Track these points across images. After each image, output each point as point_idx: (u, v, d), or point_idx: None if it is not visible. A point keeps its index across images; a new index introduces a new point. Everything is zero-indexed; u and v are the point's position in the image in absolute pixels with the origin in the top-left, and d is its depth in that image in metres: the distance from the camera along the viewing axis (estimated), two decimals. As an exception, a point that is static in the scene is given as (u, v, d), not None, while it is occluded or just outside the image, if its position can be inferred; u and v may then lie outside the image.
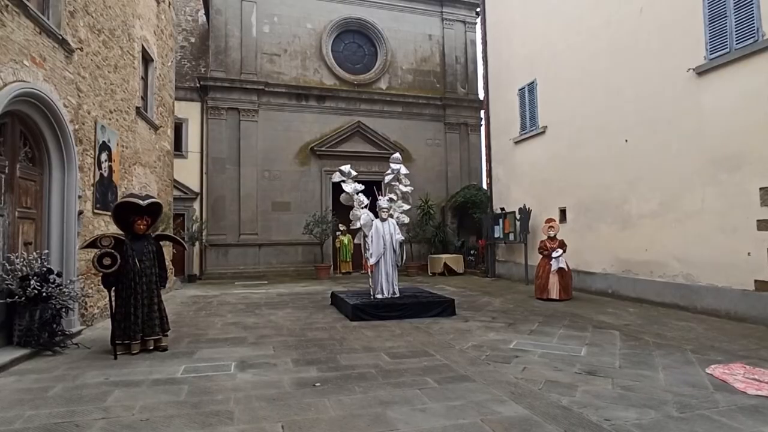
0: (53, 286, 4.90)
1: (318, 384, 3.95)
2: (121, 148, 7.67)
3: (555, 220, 9.17)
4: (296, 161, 15.40)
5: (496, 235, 12.75)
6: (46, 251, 5.27)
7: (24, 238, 5.19)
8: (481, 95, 17.60)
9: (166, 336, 5.07)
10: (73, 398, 3.59)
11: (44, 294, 4.76)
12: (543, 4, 11.16)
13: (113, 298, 4.88)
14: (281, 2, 15.59)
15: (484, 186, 15.55)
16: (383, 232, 7.66)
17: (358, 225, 7.78)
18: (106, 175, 6.98)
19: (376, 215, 7.81)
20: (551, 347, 5.28)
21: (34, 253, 4.97)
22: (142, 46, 8.84)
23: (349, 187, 7.97)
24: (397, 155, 8.43)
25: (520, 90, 12.09)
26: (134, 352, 4.79)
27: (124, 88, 7.83)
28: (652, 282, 8.08)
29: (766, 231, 6.26)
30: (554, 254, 8.60)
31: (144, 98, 9.24)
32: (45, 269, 4.95)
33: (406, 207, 8.25)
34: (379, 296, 7.57)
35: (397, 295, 7.69)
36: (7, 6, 4.63)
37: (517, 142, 12.28)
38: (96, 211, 6.64)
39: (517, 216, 11.72)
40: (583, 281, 9.70)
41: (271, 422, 3.15)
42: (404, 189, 8.23)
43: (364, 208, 7.82)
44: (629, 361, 4.67)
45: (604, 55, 9.18)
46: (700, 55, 7.20)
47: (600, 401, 3.56)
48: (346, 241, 14.95)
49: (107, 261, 4.62)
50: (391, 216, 7.87)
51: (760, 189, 6.32)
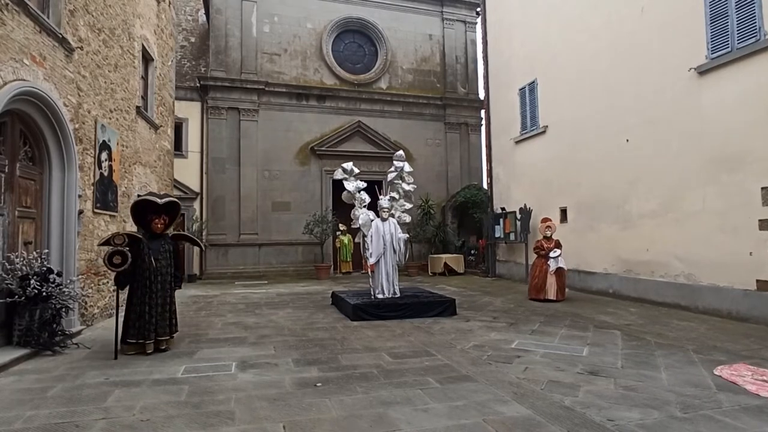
0: (53, 285, 4.88)
1: (319, 384, 3.94)
2: (122, 148, 7.65)
3: (551, 220, 9.15)
4: (296, 161, 15.38)
5: (497, 235, 12.74)
6: (46, 251, 5.26)
7: (24, 237, 5.17)
8: (482, 95, 17.59)
9: (172, 338, 5.05)
10: (73, 398, 3.58)
11: (44, 294, 4.75)
12: (543, 4, 11.15)
13: (129, 296, 4.84)
14: (281, 2, 15.57)
15: (485, 186, 15.52)
16: (383, 232, 7.64)
17: (358, 224, 7.76)
18: (106, 174, 6.96)
19: (378, 214, 7.78)
20: (553, 347, 5.27)
21: (34, 253, 4.95)
22: (143, 45, 8.82)
23: (351, 185, 7.95)
24: (400, 153, 8.41)
25: (520, 90, 12.08)
26: (149, 352, 4.76)
27: (124, 88, 7.81)
28: (653, 282, 8.06)
29: (767, 230, 6.25)
30: (552, 254, 8.57)
31: (144, 98, 9.22)
32: (45, 269, 4.93)
33: (408, 206, 8.24)
34: (379, 296, 7.56)
35: (398, 294, 7.68)
36: (7, 4, 4.61)
37: (517, 142, 12.26)
38: (96, 210, 6.62)
39: (518, 216, 11.71)
40: (584, 281, 9.69)
41: (272, 422, 3.14)
42: (407, 187, 8.21)
43: (364, 207, 7.80)
44: (631, 361, 4.65)
45: (605, 55, 9.17)
46: (701, 55, 7.19)
47: (603, 401, 3.54)
48: (346, 241, 14.93)
49: (117, 259, 4.60)
50: (392, 215, 7.85)
51: (762, 188, 6.31)
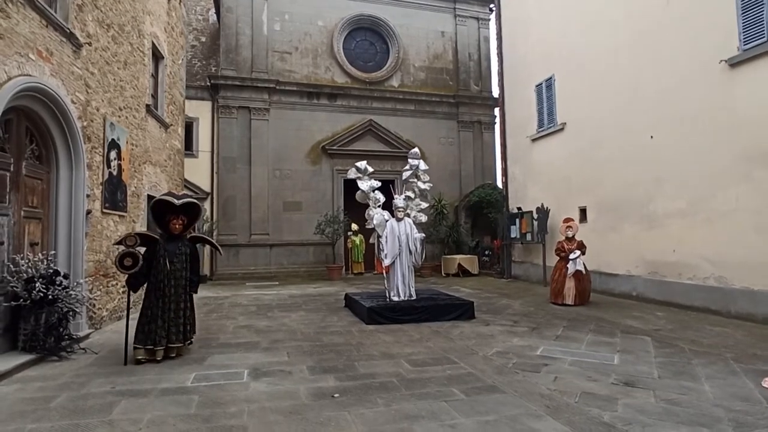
0: (59, 288, 4.71)
1: (337, 395, 3.69)
2: (131, 147, 7.50)
3: (573, 220, 8.81)
4: (307, 160, 15.19)
5: (513, 236, 12.42)
6: (53, 252, 5.09)
7: (30, 238, 5.01)
8: (495, 93, 17.25)
9: (186, 345, 4.84)
10: (78, 409, 3.38)
11: (50, 297, 4.57)
12: (562, -4, 10.81)
13: (143, 300, 4.66)
14: (292, 0, 15.39)
15: (499, 185, 15.19)
16: (398, 232, 7.39)
17: (372, 225, 7.52)
18: (115, 173, 6.80)
19: (393, 214, 7.53)
20: (581, 354, 4.98)
21: (40, 255, 4.78)
22: (153, 42, 8.67)
23: (365, 184, 7.71)
24: (415, 150, 8.16)
25: (537, 86, 11.75)
26: (158, 359, 4.55)
27: (133, 85, 7.66)
28: (680, 284, 7.70)
29: (809, 231, 5.88)
30: (571, 256, 8.23)
31: (154, 96, 9.07)
32: (51, 271, 4.76)
33: (424, 205, 7.98)
34: (395, 298, 7.31)
35: (414, 297, 7.42)
36: (12, -3, 4.45)
37: (534, 140, 11.93)
38: (105, 210, 6.46)
39: (535, 216, 11.38)
40: (606, 283, 9.34)
41: (288, 439, 2.91)
42: (423, 186, 7.95)
43: (378, 207, 7.56)
44: (668, 371, 4.35)
45: (627, 49, 8.81)
46: (733, 46, 6.82)
47: (645, 417, 3.25)
48: (358, 242, 14.70)
49: (128, 261, 4.41)
50: (407, 215, 7.60)
51: (803, 186, 5.94)
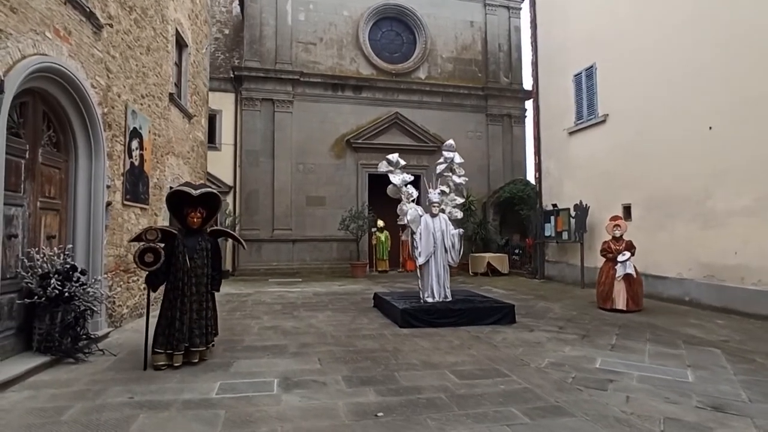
0: (76, 285, 4.37)
1: (380, 414, 3.23)
2: (154, 136, 7.18)
3: (621, 218, 8.14)
4: (332, 154, 14.78)
5: (547, 234, 11.77)
6: (70, 246, 4.76)
7: (47, 231, 4.69)
8: (526, 85, 16.60)
9: (208, 349, 4.46)
10: (91, 425, 2.99)
11: (66, 294, 4.24)
12: (606, -22, 10.09)
13: (162, 299, 4.31)
14: (317, -11, 14.98)
15: (532, 181, 14.51)
16: (433, 229, 6.89)
17: (405, 221, 7.03)
18: (137, 164, 6.48)
19: (426, 210, 7.04)
20: (647, 369, 4.41)
21: (56, 249, 4.45)
22: (176, 29, 8.34)
23: (397, 178, 7.24)
24: (450, 142, 7.63)
25: (575, 75, 11.06)
26: (176, 364, 4.18)
27: (156, 73, 7.33)
28: (743, 290, 7.01)
29: None
30: (620, 257, 7.58)
31: (178, 85, 8.76)
32: (68, 266, 4.42)
33: (459, 200, 7.47)
34: (429, 300, 6.82)
35: (449, 298, 6.91)
36: (28, -30, 4.10)
37: (571, 133, 11.25)
38: (126, 202, 6.14)
39: (572, 213, 10.72)
40: (653, 286, 8.65)
41: (331, 471, 2.46)
42: (458, 180, 7.44)
43: (412, 202, 7.07)
44: (758, 393, 3.75)
45: (684, 30, 8.09)
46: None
47: (754, 454, 2.70)
48: (383, 238, 14.25)
49: (149, 257, 4.04)
50: (442, 211, 7.09)
51: None
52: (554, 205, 11.50)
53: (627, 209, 9.40)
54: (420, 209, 7.05)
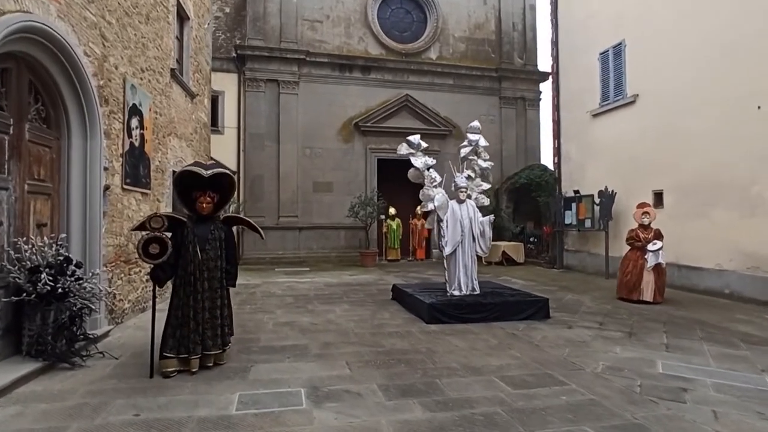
0: (71, 279, 3.82)
1: (435, 437, 2.72)
2: (155, 115, 6.57)
3: (650, 205, 7.58)
4: (339, 138, 14.15)
5: (567, 222, 11.23)
6: (63, 235, 4.19)
7: (36, 218, 4.13)
8: (541, 66, 15.91)
9: (225, 351, 3.93)
10: (90, 452, 2.48)
11: (59, 290, 3.69)
12: (638, -53, 9.38)
13: (171, 296, 3.77)
14: (323, -37, 14.19)
15: (549, 166, 13.92)
16: (461, 216, 6.34)
17: (430, 207, 6.48)
18: (137, 144, 5.89)
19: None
20: (718, 374, 3.90)
21: (47, 238, 3.89)
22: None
23: (419, 161, 6.66)
24: (476, 124, 7.04)
25: (601, 54, 10.40)
26: (193, 370, 3.66)
27: (157, 45, 6.70)
28: (793, 282, 6.50)
29: None
30: (651, 247, 7.04)
31: (179, 61, 8.11)
32: (61, 258, 3.87)
33: (485, 186, 6.91)
34: (456, 293, 6.30)
35: (477, 291, 6.39)
36: None
37: (595, 115, 10.64)
38: (126, 186, 5.56)
39: (596, 200, 10.16)
40: (687, 278, 8.15)
41: None
42: (484, 164, 6.88)
43: (436, 187, 6.51)
44: None
45: (725, 1, 7.45)
46: None
47: None
48: (395, 226, 13.71)
49: (155, 249, 3.49)
50: (468, 197, 6.54)
51: None
52: (576, 192, 10.93)
53: (658, 196, 8.84)
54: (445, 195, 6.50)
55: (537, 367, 4.05)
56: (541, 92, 15.94)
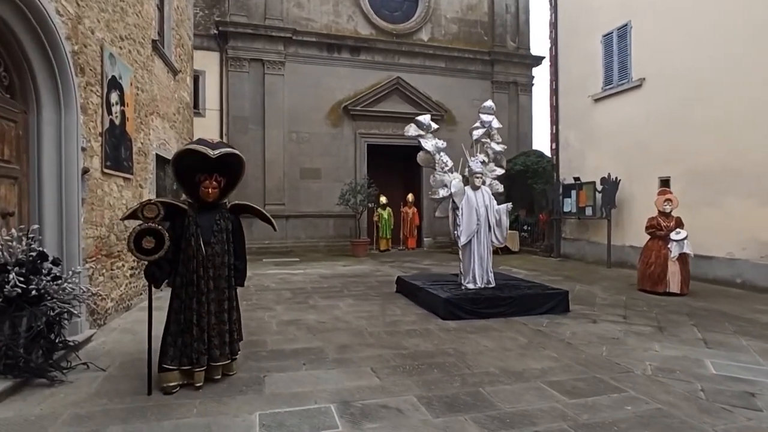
0: (48, 279, 3.20)
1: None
2: (136, 90, 5.85)
3: (671, 192, 7.32)
4: (327, 122, 13.49)
5: (566, 210, 10.97)
6: (35, 226, 3.53)
7: (2, 206, 3.46)
8: (534, 50, 15.57)
9: (234, 359, 3.39)
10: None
11: (33, 292, 3.07)
12: (647, -77, 9.01)
13: (170, 299, 3.21)
14: (310, -65, 13.35)
15: (543, 152, 13.65)
16: (476, 204, 5.90)
17: (442, 194, 6.02)
18: (117, 122, 5.19)
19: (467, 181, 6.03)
20: (776, 374, 3.60)
21: (14, 231, 3.24)
22: (157, -37, 6.89)
23: (429, 143, 6.18)
24: (489, 103, 6.62)
25: (605, 36, 10.06)
26: (198, 384, 3.11)
27: (137, 11, 5.95)
28: (810, 271, 6.35)
29: None
30: (676, 236, 6.80)
31: (161, 34, 7.33)
32: (34, 254, 3.24)
33: (499, 171, 6.49)
34: (470, 286, 5.89)
35: (492, 284, 6.00)
36: None
37: (597, 100, 10.34)
38: (106, 170, 4.88)
39: (598, 187, 9.91)
40: (697, 267, 7.89)
41: None
42: (497, 148, 6.45)
43: (448, 172, 6.05)
44: None
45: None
46: None
47: None
48: (386, 215, 13.22)
49: (149, 243, 2.91)
50: (483, 183, 6.10)
51: None
52: (576, 179, 10.67)
53: (665, 183, 8.60)
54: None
55: (582, 370, 3.67)
56: (533, 77, 15.62)
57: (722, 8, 7.56)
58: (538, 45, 35.80)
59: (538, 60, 15.48)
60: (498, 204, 6.02)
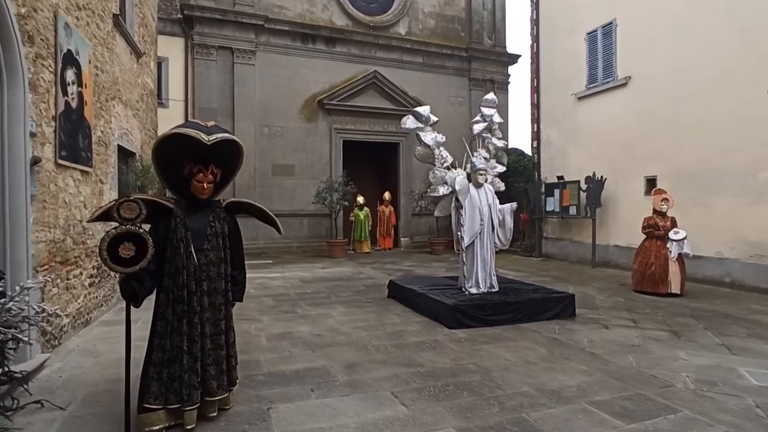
0: (-12, 297, 2.50)
1: None
2: (95, 70, 5.07)
3: (666, 192, 7.20)
4: (301, 116, 12.80)
5: (549, 209, 10.84)
6: (-28, 229, 2.81)
7: (-75, 202, 2.72)
8: (510, 48, 15.46)
9: (230, 392, 2.77)
10: None
11: (-31, 315, 2.37)
12: None
13: (153, 320, 2.57)
14: None
15: (524, 150, 13.54)
16: (479, 203, 5.51)
17: (442, 192, 5.58)
18: (74, 105, 4.41)
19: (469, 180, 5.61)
20: (819, 383, 3.39)
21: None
22: (118, -72, 6.06)
23: (429, 137, 5.73)
24: (491, 97, 6.24)
25: (589, 34, 9.97)
26: (189, 426, 2.49)
27: (95, -21, 5.15)
28: (801, 270, 6.37)
29: None
30: (674, 236, 6.68)
31: (122, 10, 6.50)
32: (-30, 264, 2.52)
33: (500, 168, 6.13)
34: (473, 290, 5.49)
35: (496, 288, 5.63)
36: None
37: (581, 98, 10.24)
38: (60, 161, 4.11)
39: (583, 186, 9.80)
40: (686, 266, 7.93)
41: None
42: (499, 144, 6.08)
43: (454, 168, 5.63)
44: None
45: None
46: None
47: None
48: (362, 217, 12.67)
49: (127, 250, 2.29)
50: (485, 180, 5.72)
51: None
52: (560, 178, 10.54)
53: (651, 182, 8.56)
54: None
55: (621, 386, 3.32)
56: (509, 75, 15.51)
57: (708, 8, 7.56)
58: (514, 43, 36.08)
59: (514, 58, 15.40)
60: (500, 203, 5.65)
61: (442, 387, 3.25)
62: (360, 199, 12.60)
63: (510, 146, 14.99)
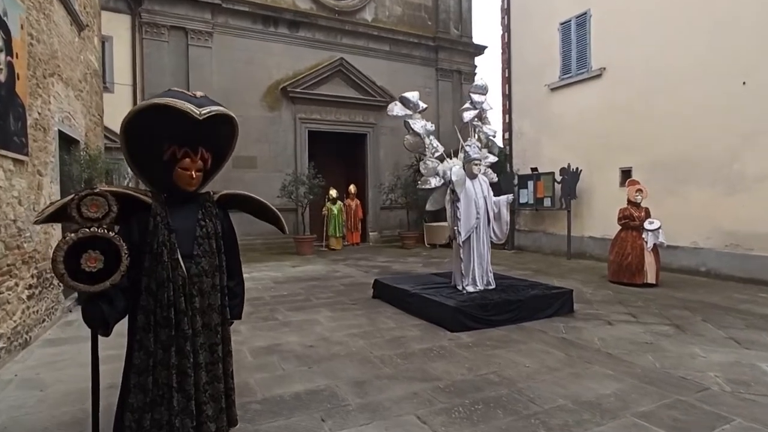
0: None
1: None
2: (30, 39, 4.22)
3: (639, 183, 7.21)
4: (264, 104, 11.98)
5: (523, 201, 10.74)
6: None
7: None
8: (476, 39, 15.30)
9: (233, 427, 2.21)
10: None
11: None
12: None
13: (129, 347, 1.97)
14: None
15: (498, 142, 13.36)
16: (475, 195, 5.16)
17: (434, 183, 5.19)
18: (3, 78, 3.60)
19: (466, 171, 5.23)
20: (844, 378, 3.29)
21: None
22: None
23: (418, 124, 5.29)
24: (482, 83, 5.86)
25: (562, 24, 9.89)
26: None
27: (27, -70, 4.28)
28: (775, 259, 6.53)
29: None
30: (649, 226, 6.69)
31: (58, -27, 5.56)
32: None
33: (492, 159, 5.80)
34: (470, 289, 5.14)
35: (493, 285, 5.31)
36: None
37: (554, 89, 10.17)
38: (-13, 147, 3.32)
39: (557, 178, 9.75)
40: (661, 256, 8.00)
41: None
42: (491, 132, 5.75)
43: (450, 158, 5.25)
44: None
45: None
46: None
47: None
48: (335, 211, 12.08)
49: (92, 261, 1.70)
50: (479, 171, 5.37)
51: None
52: (534, 169, 10.45)
53: (626, 173, 8.59)
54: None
55: (656, 392, 3.06)
56: (476, 66, 15.35)
57: (684, 0, 7.60)
58: (480, 34, 36.20)
59: (480, 49, 15.24)
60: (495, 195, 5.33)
61: (471, 405, 2.84)
62: (333, 193, 12.01)
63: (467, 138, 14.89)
